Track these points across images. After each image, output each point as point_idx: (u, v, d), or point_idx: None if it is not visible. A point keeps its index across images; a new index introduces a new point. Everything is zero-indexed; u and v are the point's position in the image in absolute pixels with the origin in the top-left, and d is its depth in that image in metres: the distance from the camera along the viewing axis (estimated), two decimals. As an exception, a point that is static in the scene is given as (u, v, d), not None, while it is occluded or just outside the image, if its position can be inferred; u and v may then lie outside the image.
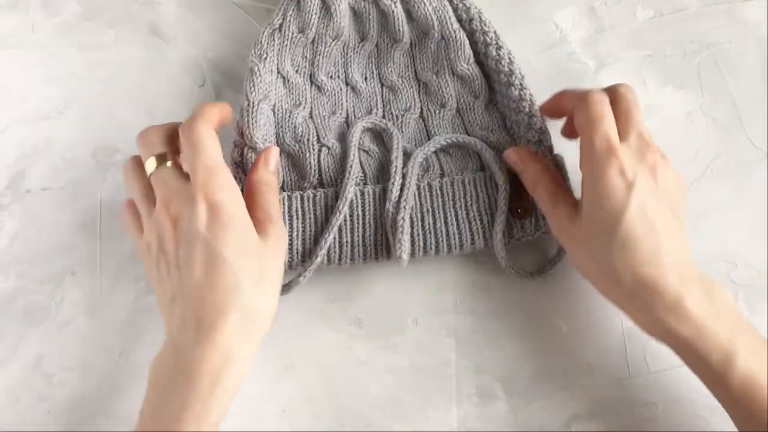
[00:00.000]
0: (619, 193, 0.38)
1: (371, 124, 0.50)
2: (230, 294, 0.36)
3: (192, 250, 0.37)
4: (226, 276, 0.36)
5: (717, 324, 0.37)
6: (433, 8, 0.50)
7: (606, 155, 0.39)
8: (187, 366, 0.35)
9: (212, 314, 0.36)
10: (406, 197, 0.46)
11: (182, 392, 0.35)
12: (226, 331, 0.36)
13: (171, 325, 0.38)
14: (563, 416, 0.45)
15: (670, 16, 0.56)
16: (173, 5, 0.57)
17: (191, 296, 0.36)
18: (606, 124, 0.40)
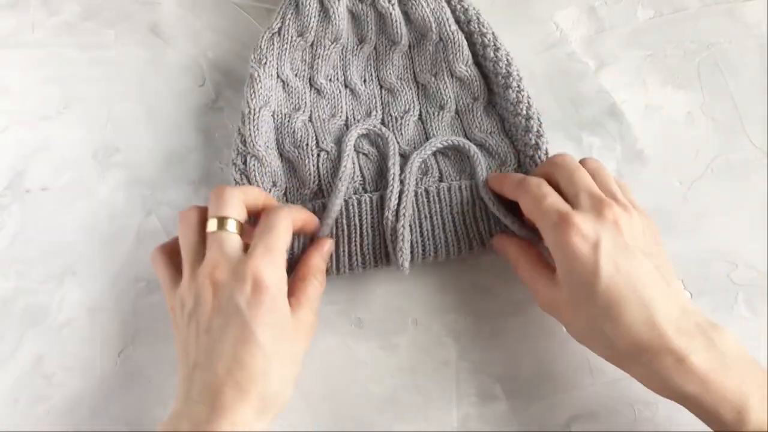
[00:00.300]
0: (587, 257, 0.37)
1: (366, 130, 0.50)
2: (256, 379, 0.36)
3: (228, 323, 0.36)
4: (256, 359, 0.36)
5: (725, 376, 0.35)
6: (431, 10, 0.50)
7: (561, 226, 0.38)
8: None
9: (233, 394, 0.35)
10: (405, 205, 0.46)
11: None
12: (244, 413, 0.35)
13: (188, 390, 0.37)
14: (563, 416, 0.45)
15: (670, 16, 0.56)
16: (173, 5, 0.57)
17: (216, 369, 0.36)
18: (549, 200, 0.40)
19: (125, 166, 0.52)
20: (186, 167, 0.52)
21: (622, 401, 0.45)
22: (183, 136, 0.53)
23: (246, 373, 0.35)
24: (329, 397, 0.46)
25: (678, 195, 0.51)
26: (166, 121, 0.53)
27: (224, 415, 0.35)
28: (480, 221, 0.47)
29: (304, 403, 0.45)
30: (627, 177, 0.51)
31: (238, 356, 0.36)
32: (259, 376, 0.36)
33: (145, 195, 0.51)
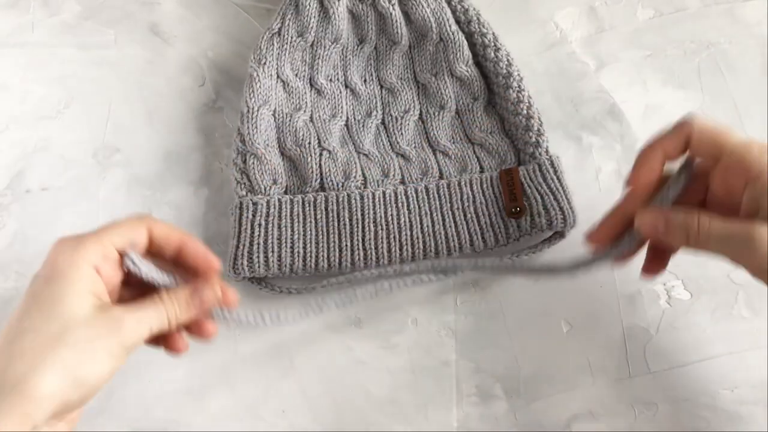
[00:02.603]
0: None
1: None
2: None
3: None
4: (10, 327, 0.31)
5: None
6: (432, 10, 0.50)
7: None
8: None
9: None
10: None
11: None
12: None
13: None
14: (563, 416, 0.45)
15: (670, 16, 0.56)
16: (173, 5, 0.57)
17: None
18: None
19: (125, 165, 0.52)
20: (186, 167, 0.52)
21: (622, 401, 0.45)
22: (183, 135, 0.53)
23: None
24: (329, 397, 0.46)
25: (678, 195, 0.51)
26: (166, 121, 0.53)
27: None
28: (481, 217, 0.47)
29: (304, 402, 0.45)
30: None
31: (3, 331, 0.31)
32: (6, 356, 0.30)
33: (145, 195, 0.51)
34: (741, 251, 0.34)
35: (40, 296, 0.32)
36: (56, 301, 0.32)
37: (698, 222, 0.35)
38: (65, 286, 0.32)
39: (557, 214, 0.46)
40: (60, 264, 0.33)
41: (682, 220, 0.36)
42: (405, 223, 0.47)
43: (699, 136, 0.36)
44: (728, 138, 0.35)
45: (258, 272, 0.45)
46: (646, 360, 0.46)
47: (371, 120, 0.52)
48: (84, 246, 0.33)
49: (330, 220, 0.47)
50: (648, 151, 0.38)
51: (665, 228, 0.36)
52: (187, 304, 0.35)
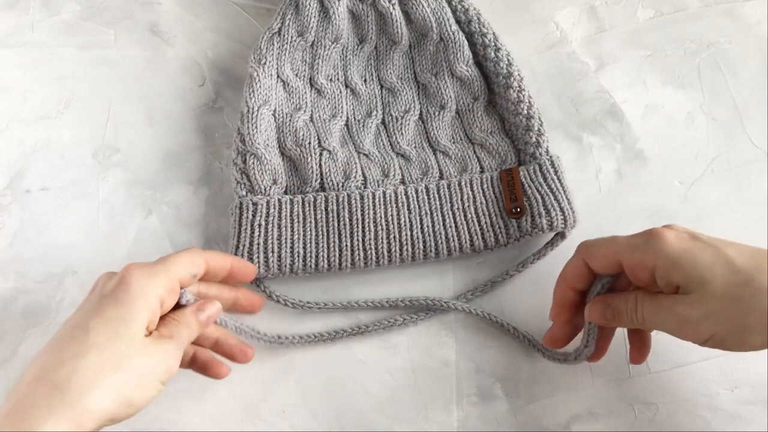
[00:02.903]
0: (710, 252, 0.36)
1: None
2: (67, 372, 0.32)
3: (75, 313, 0.36)
4: (73, 346, 0.33)
5: None
6: (432, 10, 0.50)
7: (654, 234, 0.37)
8: None
9: (36, 390, 0.32)
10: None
11: None
12: (40, 414, 0.31)
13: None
14: (563, 416, 0.45)
15: (670, 16, 0.56)
16: (173, 5, 0.57)
17: (33, 362, 0.34)
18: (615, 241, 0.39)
19: (125, 165, 0.52)
20: (186, 167, 0.52)
21: (622, 401, 0.45)
22: (183, 135, 0.53)
23: (55, 357, 0.32)
24: (329, 397, 0.46)
25: (678, 195, 0.51)
26: (166, 121, 0.53)
27: (16, 414, 0.31)
28: (481, 217, 0.47)
29: (304, 402, 0.45)
30: (627, 177, 0.51)
31: (60, 340, 0.34)
32: (69, 361, 0.32)
33: (144, 195, 0.51)
34: (668, 329, 0.37)
35: (109, 316, 0.34)
36: (124, 324, 0.34)
37: (636, 303, 0.38)
38: (134, 313, 0.35)
39: (558, 215, 0.46)
40: (133, 290, 0.35)
41: (621, 303, 0.38)
42: (405, 223, 0.47)
43: (596, 262, 0.39)
44: (617, 250, 0.38)
45: (258, 272, 0.45)
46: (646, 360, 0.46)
47: (371, 120, 0.52)
48: (157, 278, 0.36)
49: (330, 220, 0.47)
50: (556, 291, 0.42)
51: (612, 314, 0.39)
52: (195, 321, 0.39)
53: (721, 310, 0.34)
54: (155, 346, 0.35)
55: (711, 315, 0.34)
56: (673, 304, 0.35)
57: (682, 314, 0.35)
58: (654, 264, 0.36)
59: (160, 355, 0.35)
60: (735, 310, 0.33)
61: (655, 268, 0.36)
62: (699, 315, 0.34)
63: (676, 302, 0.35)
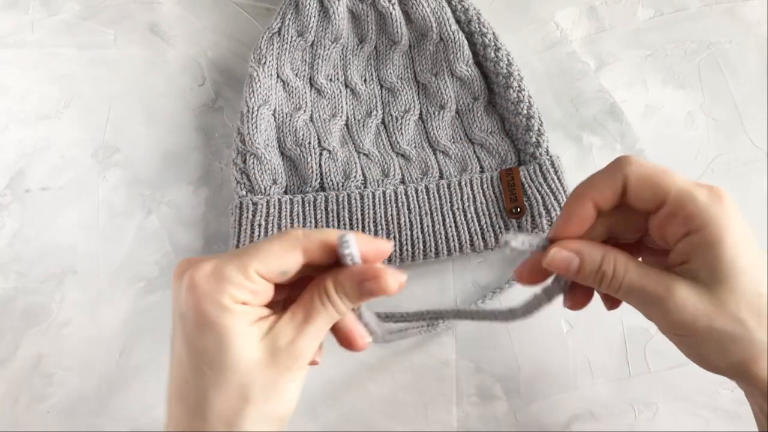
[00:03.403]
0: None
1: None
2: (170, 399, 0.31)
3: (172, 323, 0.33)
4: (172, 372, 0.32)
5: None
6: (432, 10, 0.50)
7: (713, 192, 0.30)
8: None
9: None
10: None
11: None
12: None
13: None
14: (563, 416, 0.45)
15: (670, 16, 0.56)
16: (173, 5, 0.57)
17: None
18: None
19: (125, 165, 0.52)
20: (186, 167, 0.52)
21: (622, 401, 0.45)
22: (182, 135, 0.53)
23: (188, 414, 0.31)
24: (329, 397, 0.46)
25: (678, 195, 0.51)
26: (166, 120, 0.53)
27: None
28: (481, 217, 0.47)
29: (304, 402, 0.45)
30: (627, 177, 0.51)
31: (178, 390, 0.32)
32: (204, 421, 0.29)
33: (144, 194, 0.51)
34: (652, 308, 0.30)
35: (204, 353, 0.29)
36: (224, 356, 0.29)
37: (614, 267, 0.31)
38: (225, 338, 0.29)
39: (558, 214, 0.46)
40: (208, 313, 0.29)
41: (598, 263, 0.31)
42: (405, 223, 0.47)
43: (638, 182, 0.30)
44: (671, 182, 0.30)
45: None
46: (646, 360, 0.46)
47: (371, 120, 0.52)
48: (227, 284, 0.29)
49: (330, 220, 0.47)
50: (575, 202, 0.32)
51: (578, 268, 0.31)
52: (356, 292, 0.31)
53: (723, 323, 0.28)
54: (274, 353, 0.29)
55: (710, 320, 0.28)
56: (673, 282, 0.29)
57: (680, 299, 0.29)
58: (699, 227, 0.29)
59: (284, 361, 0.30)
60: (734, 331, 0.28)
61: (695, 232, 0.29)
62: (698, 312, 0.29)
63: (678, 282, 0.29)
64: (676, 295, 0.29)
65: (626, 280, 0.30)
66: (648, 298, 0.30)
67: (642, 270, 0.30)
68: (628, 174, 0.31)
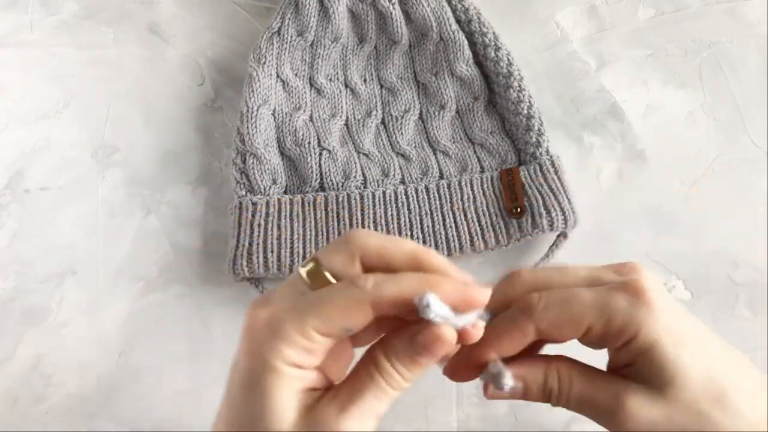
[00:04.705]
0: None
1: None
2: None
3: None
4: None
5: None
6: (432, 9, 0.50)
7: (637, 294, 0.28)
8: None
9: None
10: None
11: None
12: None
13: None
14: (563, 416, 0.45)
15: (671, 16, 0.56)
16: (172, 4, 0.57)
17: None
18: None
19: (124, 165, 0.52)
20: (185, 167, 0.52)
21: (622, 401, 0.45)
22: (182, 135, 0.53)
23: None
24: (329, 398, 0.45)
25: (679, 195, 0.50)
26: (165, 120, 0.53)
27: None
28: (482, 217, 0.47)
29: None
30: (628, 177, 0.51)
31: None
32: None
33: (144, 194, 0.51)
34: (604, 420, 0.28)
35: (243, 414, 0.27)
36: (259, 420, 0.26)
37: (558, 381, 0.29)
38: (265, 405, 0.26)
39: (558, 215, 0.46)
40: (253, 369, 0.27)
41: (541, 381, 0.29)
42: (405, 223, 0.47)
43: (551, 328, 0.28)
44: (583, 308, 0.28)
45: (257, 272, 0.45)
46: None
47: (371, 120, 0.52)
48: (280, 342, 0.26)
49: (330, 220, 0.47)
50: (474, 354, 0.29)
51: (523, 392, 0.29)
52: (409, 360, 0.28)
53: (683, 422, 0.27)
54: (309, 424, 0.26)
55: (669, 423, 0.27)
56: (621, 391, 0.28)
57: (631, 409, 0.27)
58: (635, 338, 0.27)
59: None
60: (698, 427, 0.27)
61: (632, 342, 0.27)
62: (654, 418, 0.27)
63: (627, 391, 0.27)
64: (627, 404, 0.27)
65: (573, 392, 0.29)
66: (598, 410, 0.28)
67: (587, 378, 0.29)
68: (538, 323, 0.28)
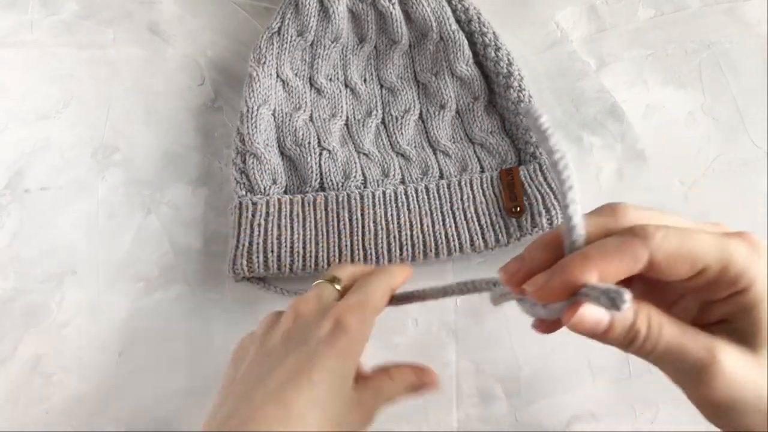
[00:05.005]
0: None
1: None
2: (291, 421, 0.30)
3: (291, 351, 0.33)
4: (300, 399, 0.30)
5: None
6: (432, 9, 0.50)
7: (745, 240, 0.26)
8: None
9: (260, 427, 0.30)
10: None
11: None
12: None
13: (220, 405, 0.33)
14: (563, 416, 0.45)
15: (671, 16, 0.56)
16: (172, 4, 0.57)
17: (254, 394, 0.31)
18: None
19: (124, 165, 0.52)
20: (185, 167, 0.52)
21: (622, 401, 0.45)
22: (182, 135, 0.53)
23: (282, 411, 0.30)
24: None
25: (679, 195, 0.51)
26: (165, 120, 0.53)
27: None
28: (482, 217, 0.47)
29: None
30: (628, 177, 0.51)
31: (283, 390, 0.30)
32: (295, 419, 0.30)
33: (144, 194, 0.51)
34: (689, 375, 0.26)
35: (332, 368, 0.32)
36: (344, 379, 0.32)
37: (648, 324, 0.26)
38: (352, 366, 0.33)
39: (558, 214, 0.46)
40: (354, 338, 0.33)
41: (630, 321, 0.26)
42: (405, 223, 0.47)
43: (667, 260, 0.25)
44: (704, 247, 0.25)
45: (257, 272, 0.45)
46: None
47: (371, 119, 0.52)
48: (368, 323, 0.34)
49: (330, 220, 0.47)
50: (578, 267, 0.25)
51: (606, 329, 0.26)
52: (410, 385, 0.37)
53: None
54: (361, 404, 0.34)
55: (759, 388, 0.25)
56: (715, 346, 0.25)
57: (726, 366, 0.25)
58: (747, 290, 0.25)
59: (365, 411, 0.34)
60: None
61: (740, 295, 0.26)
62: (746, 380, 0.25)
63: (721, 347, 0.25)
64: (722, 359, 0.25)
65: (662, 340, 0.26)
66: (687, 363, 0.25)
67: (679, 327, 0.26)
68: (654, 251, 0.25)
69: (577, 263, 0.25)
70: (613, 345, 0.27)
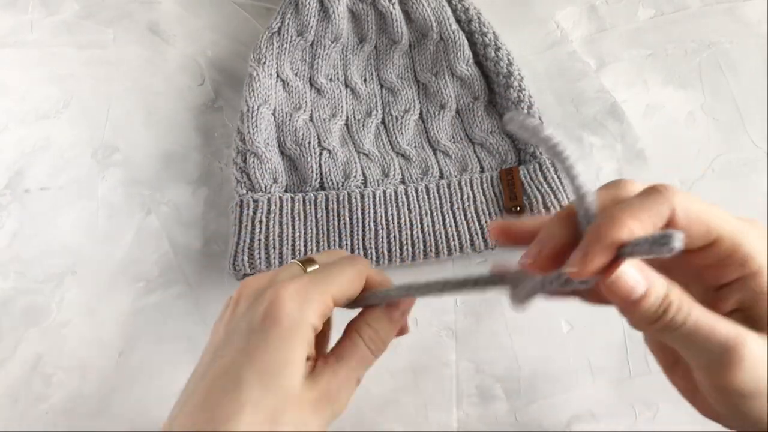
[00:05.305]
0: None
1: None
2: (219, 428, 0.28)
3: (225, 347, 0.30)
4: (228, 406, 0.28)
5: None
6: (432, 9, 0.50)
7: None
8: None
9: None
10: None
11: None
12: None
13: (177, 404, 0.32)
14: (563, 416, 0.45)
15: (671, 16, 0.56)
16: (172, 4, 0.57)
17: (191, 403, 0.30)
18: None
19: (124, 165, 0.52)
20: (185, 167, 0.52)
21: (622, 401, 0.45)
22: (182, 135, 0.53)
23: (208, 414, 0.28)
24: (329, 397, 0.46)
25: (678, 195, 0.51)
26: (165, 120, 0.53)
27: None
28: (481, 217, 0.47)
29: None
30: (628, 177, 0.51)
31: (211, 397, 0.29)
32: (223, 423, 0.28)
33: (144, 194, 0.51)
34: (711, 361, 0.25)
35: (262, 363, 0.29)
36: (278, 374, 0.29)
37: (680, 299, 0.25)
38: (287, 355, 0.29)
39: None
40: (286, 325, 0.29)
41: (663, 294, 0.25)
42: (405, 222, 0.47)
43: (687, 218, 0.25)
44: (722, 220, 0.26)
45: (258, 269, 0.45)
46: (647, 360, 0.46)
47: (371, 119, 0.52)
48: (311, 306, 0.30)
49: (330, 219, 0.47)
50: (611, 226, 0.24)
51: (640, 297, 0.25)
52: (389, 329, 0.33)
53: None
54: (312, 390, 0.30)
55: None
56: (743, 331, 0.25)
57: (753, 351, 0.24)
58: (756, 271, 0.25)
59: (318, 401, 0.30)
60: None
61: (753, 276, 0.26)
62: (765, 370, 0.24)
63: (748, 332, 0.25)
64: (750, 343, 0.24)
65: (692, 317, 0.25)
66: (715, 343, 0.24)
67: (707, 309, 0.25)
68: (677, 207, 0.25)
69: (608, 225, 0.24)
70: (640, 320, 0.26)
